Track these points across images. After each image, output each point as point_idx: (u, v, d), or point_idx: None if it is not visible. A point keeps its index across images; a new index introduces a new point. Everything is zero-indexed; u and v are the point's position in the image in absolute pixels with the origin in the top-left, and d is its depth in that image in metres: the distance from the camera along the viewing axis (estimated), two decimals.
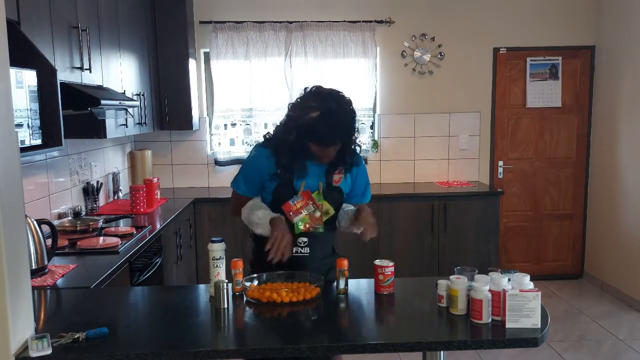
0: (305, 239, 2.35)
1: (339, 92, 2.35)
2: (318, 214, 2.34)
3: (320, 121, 2.22)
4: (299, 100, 2.35)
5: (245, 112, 5.04)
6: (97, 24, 3.30)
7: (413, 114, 5.22)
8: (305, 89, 2.38)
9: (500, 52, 5.20)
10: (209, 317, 2.00)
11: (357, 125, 2.37)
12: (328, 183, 2.38)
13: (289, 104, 2.40)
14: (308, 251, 2.36)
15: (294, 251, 2.34)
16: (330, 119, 2.22)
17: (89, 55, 3.07)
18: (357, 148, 2.45)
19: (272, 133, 2.44)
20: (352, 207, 2.47)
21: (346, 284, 2.14)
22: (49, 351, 1.63)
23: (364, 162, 2.55)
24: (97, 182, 3.97)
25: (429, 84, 5.18)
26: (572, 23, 5.18)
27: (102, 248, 2.84)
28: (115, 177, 4.40)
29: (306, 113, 2.25)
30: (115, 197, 4.40)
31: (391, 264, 2.13)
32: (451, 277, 1.92)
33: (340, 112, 2.26)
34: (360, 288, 2.22)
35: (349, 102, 2.34)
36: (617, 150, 4.91)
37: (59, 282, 2.34)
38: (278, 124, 2.42)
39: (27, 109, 2.29)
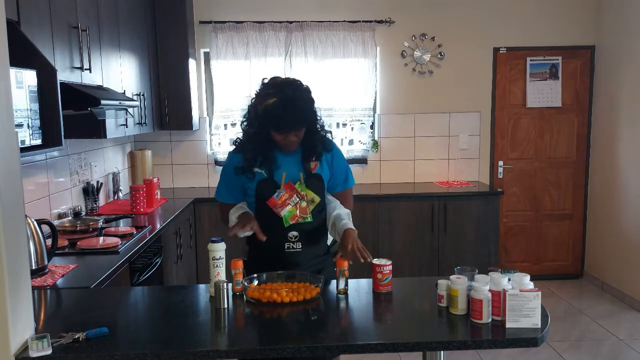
0: (295, 234, 2.36)
1: (296, 80, 2.40)
2: (304, 204, 2.35)
3: (278, 106, 2.25)
4: (257, 90, 2.39)
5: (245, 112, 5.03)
6: (97, 24, 3.30)
7: (413, 114, 5.22)
8: (264, 79, 2.41)
9: (500, 52, 5.20)
10: (209, 317, 2.00)
11: (319, 112, 2.42)
12: (307, 171, 2.39)
13: (255, 92, 2.42)
14: (300, 247, 2.37)
15: (285, 247, 2.36)
16: (288, 104, 2.25)
17: (89, 55, 3.07)
18: (329, 135, 2.47)
19: (240, 137, 2.46)
20: (339, 212, 2.45)
21: (346, 284, 2.14)
22: (49, 351, 1.63)
23: (337, 147, 2.54)
24: (97, 182, 3.97)
25: (429, 84, 5.18)
26: (572, 23, 5.18)
27: (102, 248, 2.84)
28: (115, 177, 4.40)
29: (264, 100, 2.29)
30: (115, 197, 4.40)
31: (389, 262, 2.14)
32: (451, 277, 1.92)
33: (298, 98, 2.28)
34: (360, 288, 2.22)
35: (307, 89, 2.37)
36: (617, 150, 4.91)
37: (59, 282, 2.34)
38: (242, 119, 2.45)
39: (27, 109, 2.29)
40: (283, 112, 2.24)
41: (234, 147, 2.50)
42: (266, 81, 2.39)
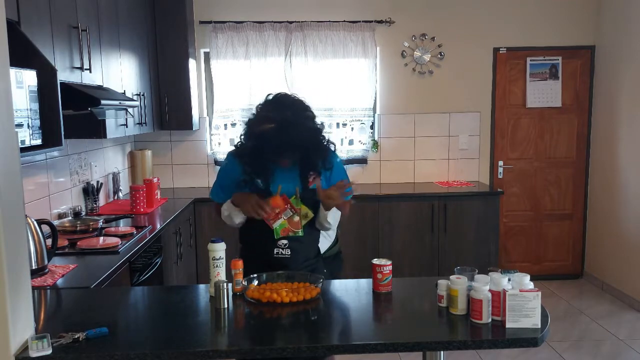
0: (285, 241, 2.37)
1: (302, 104, 2.32)
2: (297, 218, 2.36)
3: (273, 134, 2.20)
4: (259, 107, 2.34)
5: (245, 112, 5.03)
6: (97, 24, 3.30)
7: (413, 114, 5.22)
8: (268, 95, 2.36)
9: (500, 52, 5.20)
10: (209, 317, 2.00)
11: (322, 129, 2.35)
12: (304, 186, 2.38)
13: (257, 106, 2.38)
14: (289, 253, 2.37)
15: (275, 252, 2.37)
16: (284, 132, 2.20)
17: (89, 55, 3.07)
18: (332, 146, 2.43)
19: (241, 141, 2.43)
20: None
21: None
22: (49, 351, 1.63)
23: (340, 160, 2.51)
24: (97, 182, 3.97)
25: (429, 84, 5.18)
26: (572, 23, 5.18)
27: (102, 248, 2.84)
28: (115, 177, 4.40)
29: (262, 123, 2.25)
30: (115, 197, 4.40)
31: (389, 262, 2.14)
32: (451, 277, 1.92)
33: (296, 127, 2.22)
34: (360, 288, 2.23)
35: (309, 116, 2.31)
36: (617, 150, 4.91)
37: (59, 282, 2.34)
38: (242, 131, 2.41)
39: (27, 109, 2.29)
40: (278, 140, 2.20)
41: (234, 148, 2.50)
42: (270, 98, 2.34)
